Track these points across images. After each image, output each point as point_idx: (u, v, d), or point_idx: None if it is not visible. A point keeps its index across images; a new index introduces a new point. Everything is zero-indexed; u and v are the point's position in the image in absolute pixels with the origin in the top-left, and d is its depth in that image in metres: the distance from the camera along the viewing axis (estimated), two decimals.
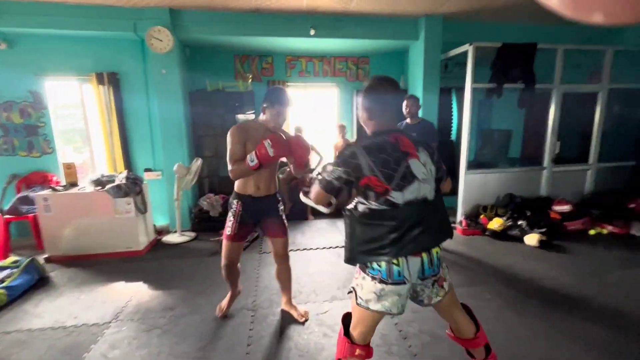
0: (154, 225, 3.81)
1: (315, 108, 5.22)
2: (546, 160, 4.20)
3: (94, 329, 2.13)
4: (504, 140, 5.15)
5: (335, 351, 1.83)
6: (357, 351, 1.29)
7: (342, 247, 3.37)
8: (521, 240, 3.41)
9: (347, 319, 1.36)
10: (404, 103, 3.27)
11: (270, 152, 1.74)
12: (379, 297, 1.20)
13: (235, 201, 1.99)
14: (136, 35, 3.67)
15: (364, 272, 1.24)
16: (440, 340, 1.91)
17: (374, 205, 1.19)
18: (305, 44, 4.29)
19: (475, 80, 3.80)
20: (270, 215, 2.07)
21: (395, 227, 1.17)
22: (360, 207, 1.23)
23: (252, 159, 1.76)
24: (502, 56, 3.85)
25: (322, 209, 1.54)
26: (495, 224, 3.58)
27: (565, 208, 3.77)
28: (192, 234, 3.84)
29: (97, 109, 3.92)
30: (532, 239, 3.30)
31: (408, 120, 3.29)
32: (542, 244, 3.23)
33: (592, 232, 3.62)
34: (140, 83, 4.01)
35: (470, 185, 3.99)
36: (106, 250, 3.25)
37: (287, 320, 2.16)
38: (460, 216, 3.97)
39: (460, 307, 1.39)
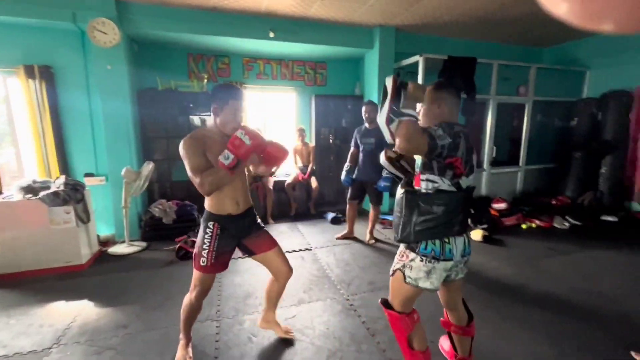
0: (98, 236, 3.46)
1: (273, 111, 5.18)
2: (485, 163, 4.67)
3: (31, 358, 1.86)
4: None
5: (305, 355, 1.85)
6: (415, 316, 1.47)
7: (305, 250, 3.40)
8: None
9: (385, 301, 1.50)
10: (363, 109, 3.41)
11: (247, 140, 1.42)
12: (429, 274, 1.34)
13: (210, 224, 1.63)
14: (76, 26, 3.31)
15: (414, 252, 1.36)
16: None
17: (445, 185, 1.30)
18: (264, 46, 4.25)
19: None
20: (254, 229, 1.78)
21: (452, 209, 1.30)
22: (428, 186, 1.32)
23: (226, 157, 1.43)
24: (448, 68, 4.21)
25: (396, 172, 1.56)
26: None
27: (502, 206, 4.22)
28: (143, 244, 3.56)
29: (26, 106, 3.45)
30: (476, 234, 3.63)
31: (367, 124, 3.43)
32: (485, 239, 3.58)
33: (524, 226, 4.10)
34: (79, 79, 3.62)
35: None
36: (40, 267, 2.87)
37: (255, 328, 2.11)
38: None
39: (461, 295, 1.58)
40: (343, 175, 3.51)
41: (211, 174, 1.49)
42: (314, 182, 4.62)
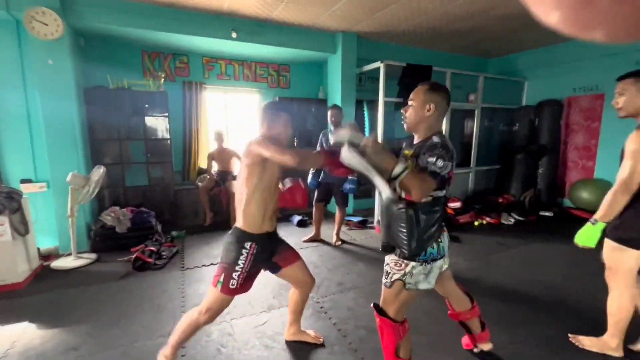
0: (38, 249, 3.10)
1: (236, 113, 5.04)
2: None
3: None
4: None
5: None
6: (406, 325, 1.49)
7: None
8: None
9: (379, 308, 1.50)
10: (329, 113, 3.45)
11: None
12: (427, 275, 1.40)
13: (247, 244, 1.55)
14: (9, 14, 2.96)
15: (413, 260, 1.36)
16: (375, 332, 2.07)
17: (441, 193, 1.37)
18: (225, 46, 4.13)
19: (385, 94, 4.25)
20: (280, 243, 1.75)
21: (443, 210, 1.40)
22: (428, 199, 1.33)
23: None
24: (407, 74, 4.42)
25: (387, 191, 1.36)
26: None
27: (457, 204, 4.52)
28: (92, 256, 3.26)
29: None
30: None
31: (332, 128, 3.48)
32: None
33: (476, 223, 4.43)
34: (13, 73, 3.23)
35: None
36: None
37: (224, 339, 2.04)
38: (377, 216, 4.36)
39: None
40: (309, 178, 3.53)
41: (306, 156, 1.59)
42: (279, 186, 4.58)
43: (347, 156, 1.28)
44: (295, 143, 5.03)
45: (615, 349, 1.82)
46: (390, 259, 1.45)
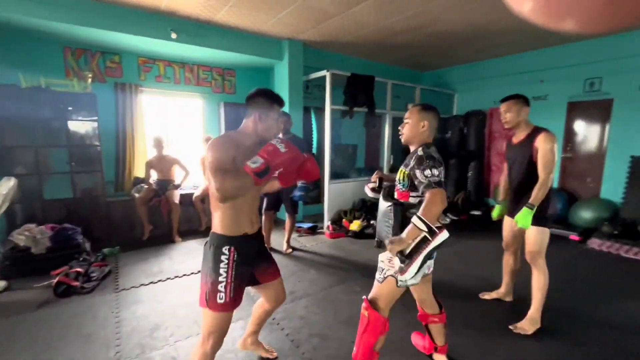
0: None
1: (178, 118, 4.74)
2: (385, 169, 5.24)
3: None
4: (352, 153, 6.11)
5: None
6: (387, 324, 1.58)
7: None
8: (375, 237, 4.12)
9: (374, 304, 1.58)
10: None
11: (282, 148, 1.28)
12: (417, 271, 1.45)
13: (225, 248, 1.38)
14: None
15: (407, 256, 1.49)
16: (328, 339, 2.10)
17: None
18: (163, 47, 3.88)
19: (332, 102, 4.37)
20: (264, 255, 1.59)
21: None
22: (414, 200, 1.56)
23: (254, 161, 1.24)
24: (351, 84, 4.60)
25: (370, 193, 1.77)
26: (355, 225, 4.20)
27: None
28: (1, 284, 2.78)
29: None
30: None
31: (280, 135, 3.46)
32: None
33: None
34: None
35: (333, 194, 4.54)
36: None
37: None
38: (326, 222, 4.44)
39: None
40: None
41: (234, 178, 1.26)
42: None
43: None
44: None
45: (539, 320, 2.14)
46: (384, 256, 1.57)
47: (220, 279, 1.36)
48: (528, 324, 2.15)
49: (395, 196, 1.65)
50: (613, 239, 3.77)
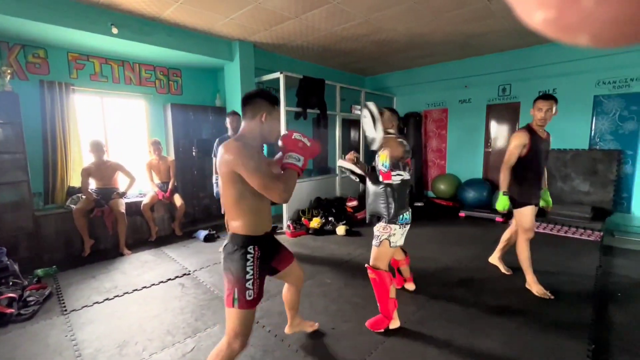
0: None
1: (119, 121, 4.34)
2: (337, 169, 5.49)
3: None
4: None
5: None
6: (391, 276, 2.14)
7: (184, 275, 3.06)
8: (334, 232, 4.30)
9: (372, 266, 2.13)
10: (228, 119, 3.40)
11: (307, 142, 1.43)
12: (402, 235, 2.09)
13: (250, 248, 1.42)
14: None
15: (395, 224, 2.05)
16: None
17: (406, 176, 2.06)
18: (96, 42, 3.52)
19: (286, 103, 4.44)
20: (276, 245, 1.67)
21: (409, 190, 2.08)
22: (398, 179, 2.04)
23: (297, 159, 1.39)
24: (304, 86, 4.73)
25: (353, 168, 2.21)
26: (315, 223, 4.33)
27: (354, 203, 5.07)
28: None
29: None
30: (340, 230, 4.24)
31: (230, 134, 3.43)
32: (347, 232, 4.23)
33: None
34: None
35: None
36: None
37: None
38: (286, 221, 4.49)
39: None
40: (215, 188, 3.38)
41: (289, 178, 1.38)
42: (177, 200, 4.17)
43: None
44: (194, 153, 4.69)
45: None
46: (378, 226, 2.11)
47: (248, 276, 1.41)
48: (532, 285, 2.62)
49: (381, 179, 2.07)
50: None
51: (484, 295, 2.59)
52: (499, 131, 5.56)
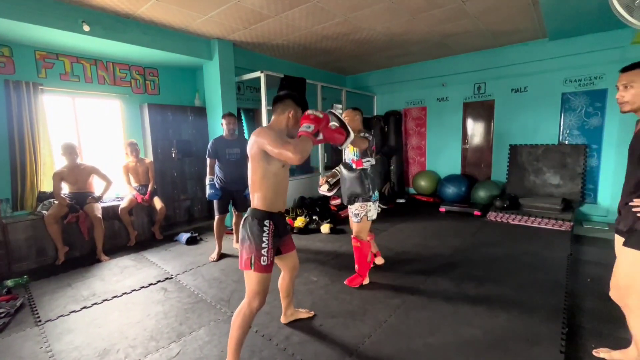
0: None
1: (92, 122, 4.15)
2: (320, 168, 5.51)
3: None
4: None
5: None
6: (370, 244, 2.79)
7: (166, 280, 2.99)
8: (318, 231, 4.31)
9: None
10: (224, 120, 3.36)
11: (319, 114, 1.64)
12: (375, 209, 2.65)
13: (267, 221, 1.69)
14: None
15: (369, 201, 2.59)
16: (297, 327, 2.19)
17: (372, 161, 2.64)
18: (67, 40, 3.37)
19: (267, 103, 4.42)
20: (286, 230, 1.93)
21: (377, 172, 2.38)
22: (367, 164, 2.61)
23: (307, 126, 1.58)
24: (284, 85, 4.71)
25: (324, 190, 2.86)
26: (299, 222, 4.33)
27: (338, 202, 5.10)
28: None
29: None
30: (325, 228, 4.26)
31: (226, 135, 3.38)
32: (332, 230, 4.25)
33: None
34: None
35: None
36: None
37: None
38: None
39: None
40: (208, 189, 3.30)
41: (301, 141, 1.56)
42: (157, 203, 4.05)
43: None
44: (174, 154, 4.57)
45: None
46: (355, 205, 2.61)
47: (263, 245, 1.66)
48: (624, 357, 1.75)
49: (354, 166, 2.62)
50: (504, 211, 4.73)
51: (465, 285, 2.68)
52: (475, 128, 5.75)
